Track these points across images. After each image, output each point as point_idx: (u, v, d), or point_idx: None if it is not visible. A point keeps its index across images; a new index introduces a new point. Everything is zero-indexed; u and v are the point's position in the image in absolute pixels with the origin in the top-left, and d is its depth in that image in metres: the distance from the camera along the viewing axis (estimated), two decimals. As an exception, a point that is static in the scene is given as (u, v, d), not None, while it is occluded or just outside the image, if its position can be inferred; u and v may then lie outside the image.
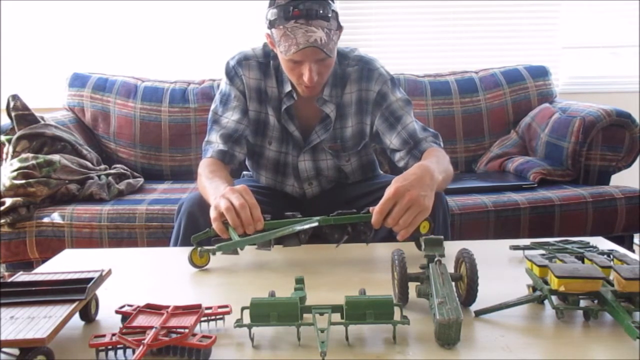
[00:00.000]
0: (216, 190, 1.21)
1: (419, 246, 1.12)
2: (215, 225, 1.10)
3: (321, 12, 1.25)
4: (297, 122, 1.48)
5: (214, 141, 1.44)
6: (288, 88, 1.42)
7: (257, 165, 1.58)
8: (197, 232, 1.16)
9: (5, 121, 2.05)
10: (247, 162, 1.62)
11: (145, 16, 2.77)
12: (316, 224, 1.13)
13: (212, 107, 1.50)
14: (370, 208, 1.11)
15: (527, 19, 2.87)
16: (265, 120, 1.48)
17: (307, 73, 1.30)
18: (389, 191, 1.09)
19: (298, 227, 1.11)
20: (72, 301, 0.79)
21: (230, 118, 1.45)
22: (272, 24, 1.29)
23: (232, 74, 1.46)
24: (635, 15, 2.88)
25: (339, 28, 1.32)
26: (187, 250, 1.11)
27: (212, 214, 1.11)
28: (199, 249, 1.05)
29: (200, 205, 1.30)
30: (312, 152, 1.51)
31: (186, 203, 1.35)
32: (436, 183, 1.17)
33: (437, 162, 1.26)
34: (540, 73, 2.50)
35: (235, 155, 1.45)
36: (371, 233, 1.15)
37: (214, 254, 0.98)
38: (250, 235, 1.08)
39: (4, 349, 0.70)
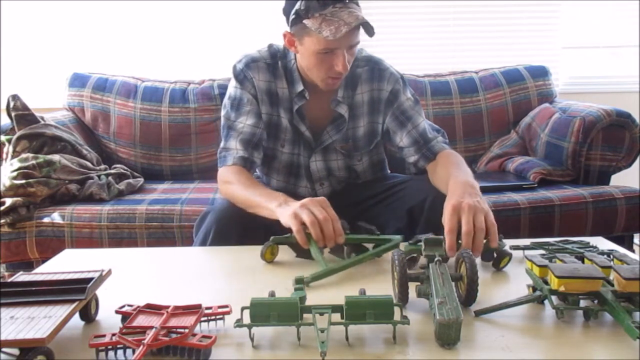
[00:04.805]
0: (270, 198, 1.20)
1: (496, 265, 1.08)
2: (299, 238, 1.09)
3: None
4: (308, 122, 1.46)
5: (233, 147, 1.40)
6: (299, 88, 1.41)
7: (269, 169, 1.55)
8: (227, 240, 1.18)
9: (5, 121, 2.05)
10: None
11: (145, 16, 2.77)
12: (397, 247, 1.11)
13: (223, 112, 1.46)
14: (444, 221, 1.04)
15: (527, 19, 2.87)
16: (277, 123, 1.46)
17: (342, 59, 1.29)
18: (447, 209, 1.05)
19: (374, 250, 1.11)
20: (72, 301, 0.79)
21: (246, 122, 1.41)
22: (303, 15, 1.26)
23: (241, 77, 1.43)
24: (635, 15, 2.88)
25: None
26: (187, 250, 1.10)
27: (294, 225, 1.09)
28: (295, 278, 0.98)
29: (231, 216, 1.29)
30: (323, 152, 1.50)
31: (215, 213, 1.31)
32: (477, 188, 1.16)
33: (463, 171, 1.26)
34: (540, 73, 2.50)
35: (255, 161, 1.42)
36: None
37: (308, 285, 0.97)
38: (328, 248, 1.10)
39: (4, 349, 0.70)
